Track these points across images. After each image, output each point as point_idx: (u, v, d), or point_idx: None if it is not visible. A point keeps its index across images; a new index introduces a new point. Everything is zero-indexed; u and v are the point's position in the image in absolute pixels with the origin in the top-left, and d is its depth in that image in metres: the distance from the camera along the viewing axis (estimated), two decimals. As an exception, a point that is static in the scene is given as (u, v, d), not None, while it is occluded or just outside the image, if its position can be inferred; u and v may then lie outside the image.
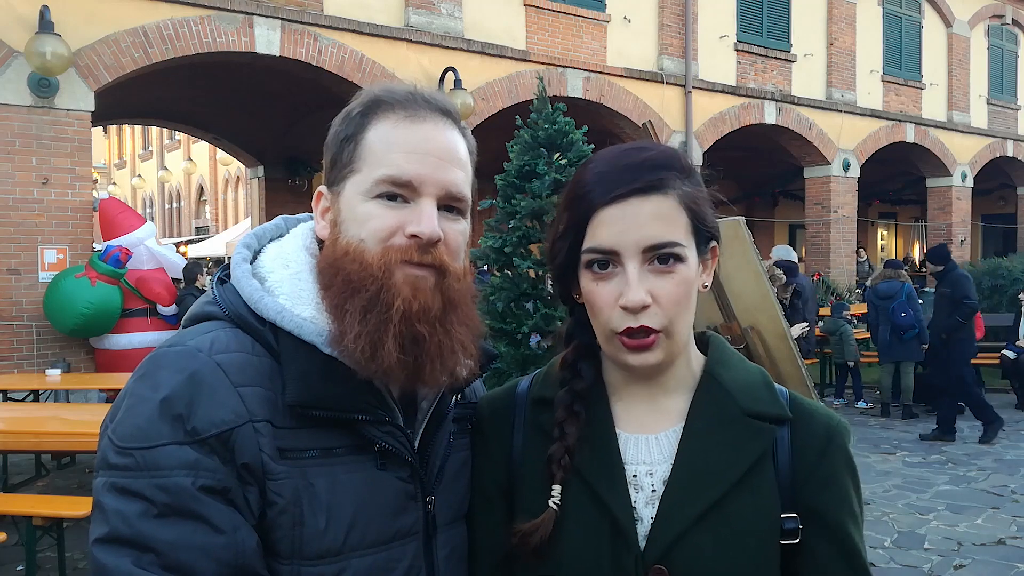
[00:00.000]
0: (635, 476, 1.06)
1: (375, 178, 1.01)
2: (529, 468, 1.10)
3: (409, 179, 1.01)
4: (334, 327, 0.99)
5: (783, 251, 8.92)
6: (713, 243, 1.08)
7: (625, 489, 1.05)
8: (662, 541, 1.01)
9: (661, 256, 1.01)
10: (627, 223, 1.01)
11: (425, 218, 1.01)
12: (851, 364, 10.05)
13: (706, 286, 1.08)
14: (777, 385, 1.12)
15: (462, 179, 1.06)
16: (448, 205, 1.05)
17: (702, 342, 1.16)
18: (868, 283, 10.83)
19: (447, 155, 1.04)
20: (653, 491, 1.05)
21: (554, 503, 1.05)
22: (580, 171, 1.07)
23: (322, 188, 1.10)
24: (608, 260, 1.02)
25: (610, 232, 1.01)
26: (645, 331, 1.01)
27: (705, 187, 1.08)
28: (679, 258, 1.01)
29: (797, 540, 1.04)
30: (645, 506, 1.05)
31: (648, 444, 1.08)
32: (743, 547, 1.01)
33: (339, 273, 1.01)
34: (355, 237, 1.01)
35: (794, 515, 1.04)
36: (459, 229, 1.07)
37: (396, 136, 1.03)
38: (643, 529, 1.03)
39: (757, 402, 1.08)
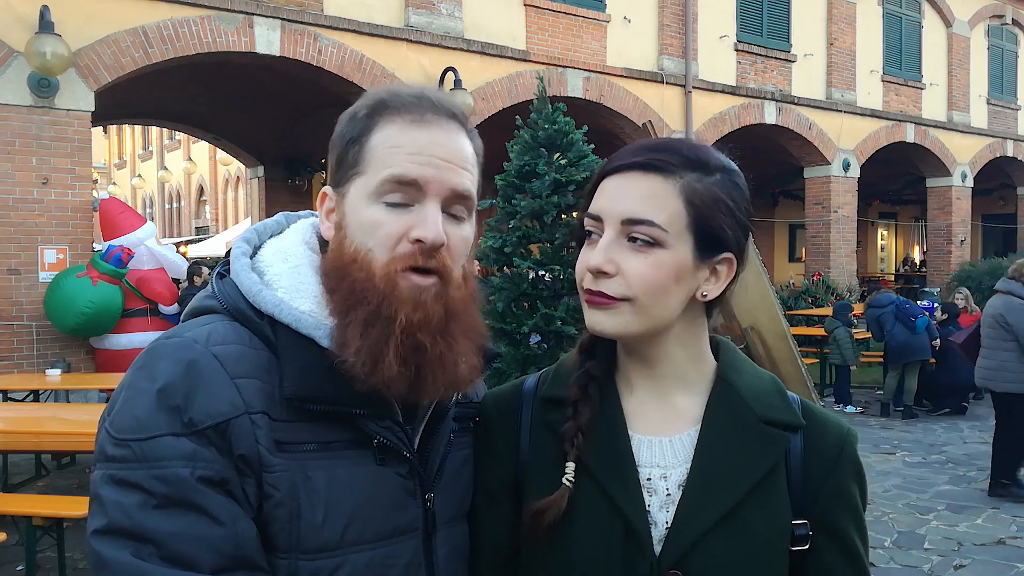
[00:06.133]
0: (649, 479, 1.06)
1: (380, 179, 1.00)
2: (539, 465, 1.10)
3: (415, 178, 1.00)
4: (337, 333, 0.99)
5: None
6: (725, 254, 1.05)
7: (639, 493, 1.04)
8: (679, 546, 1.01)
9: (637, 233, 1.00)
10: (618, 193, 1.02)
11: (430, 223, 1.00)
12: (852, 367, 10.00)
13: (705, 295, 1.06)
14: (789, 392, 1.12)
15: (468, 181, 1.05)
16: (453, 209, 1.04)
17: (713, 346, 1.15)
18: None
19: (454, 158, 1.03)
20: (668, 495, 1.05)
21: (568, 480, 1.04)
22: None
23: (327, 189, 1.09)
24: (596, 228, 1.04)
25: (602, 199, 1.04)
26: (602, 295, 1.02)
27: (735, 196, 1.04)
28: (657, 242, 1.00)
29: (807, 547, 1.05)
30: (659, 510, 1.04)
31: (662, 447, 1.07)
32: (756, 553, 1.02)
33: (345, 279, 1.00)
34: (363, 245, 1.01)
35: (804, 522, 1.05)
36: (462, 235, 1.06)
37: (402, 139, 1.02)
38: (657, 533, 1.03)
39: (771, 409, 1.08)
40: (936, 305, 10.56)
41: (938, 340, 9.33)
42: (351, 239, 1.02)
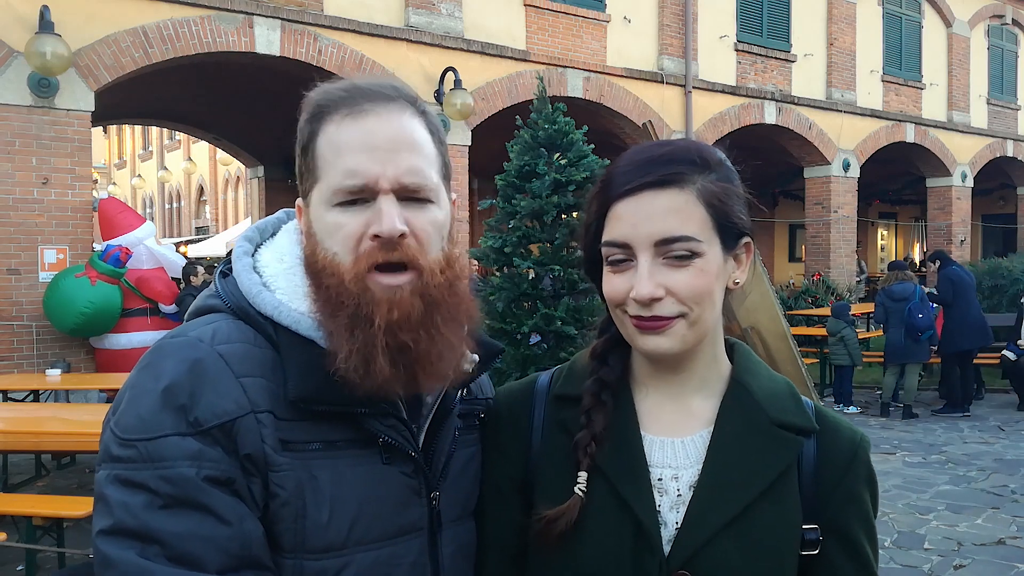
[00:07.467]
0: (660, 480, 1.06)
1: (331, 188, 1.00)
2: (550, 464, 1.10)
3: (362, 184, 0.99)
4: (327, 342, 0.99)
5: None
6: (746, 239, 1.07)
7: (650, 492, 1.04)
8: (688, 547, 1.01)
9: (676, 251, 1.00)
10: (639, 217, 1.01)
11: (384, 216, 0.98)
12: (859, 367, 9.92)
13: (737, 283, 1.07)
14: (803, 396, 1.12)
15: (418, 163, 1.01)
16: (411, 194, 1.01)
17: (728, 348, 1.15)
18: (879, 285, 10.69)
19: (395, 143, 1.00)
20: (679, 496, 1.05)
21: (580, 489, 1.04)
22: (608, 167, 1.08)
23: (299, 200, 1.09)
24: (625, 254, 1.02)
25: (623, 225, 1.02)
26: (658, 318, 1.01)
27: (737, 182, 1.07)
28: (695, 253, 1.00)
29: (816, 551, 1.05)
30: (670, 510, 1.04)
31: (674, 448, 1.08)
32: (766, 556, 1.02)
33: (321, 287, 1.00)
34: (329, 250, 1.01)
35: (815, 526, 1.05)
36: (427, 218, 1.02)
37: (340, 137, 1.00)
38: (667, 533, 1.03)
39: (785, 412, 1.08)
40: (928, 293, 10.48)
41: (936, 347, 9.28)
42: (320, 246, 1.02)
